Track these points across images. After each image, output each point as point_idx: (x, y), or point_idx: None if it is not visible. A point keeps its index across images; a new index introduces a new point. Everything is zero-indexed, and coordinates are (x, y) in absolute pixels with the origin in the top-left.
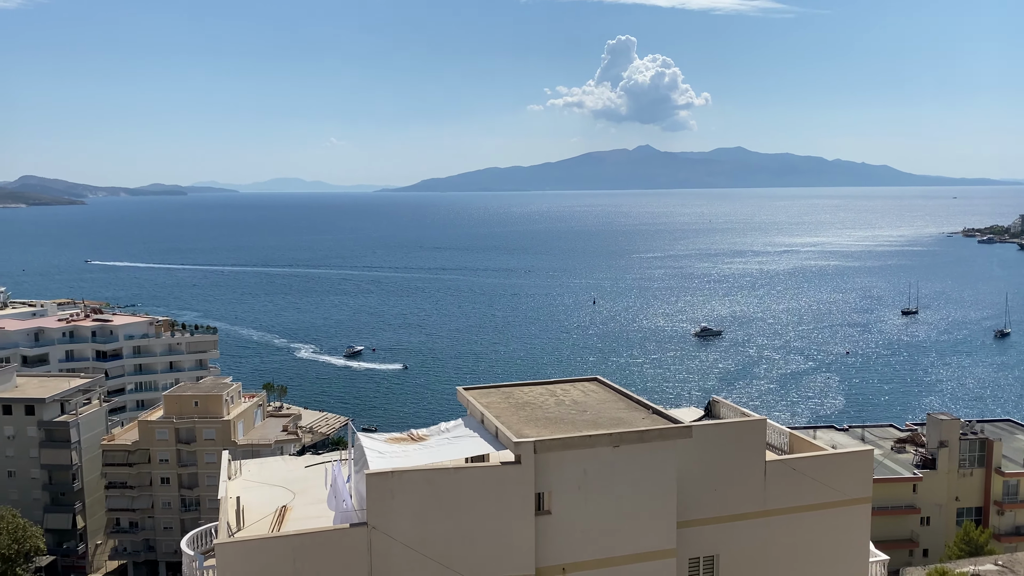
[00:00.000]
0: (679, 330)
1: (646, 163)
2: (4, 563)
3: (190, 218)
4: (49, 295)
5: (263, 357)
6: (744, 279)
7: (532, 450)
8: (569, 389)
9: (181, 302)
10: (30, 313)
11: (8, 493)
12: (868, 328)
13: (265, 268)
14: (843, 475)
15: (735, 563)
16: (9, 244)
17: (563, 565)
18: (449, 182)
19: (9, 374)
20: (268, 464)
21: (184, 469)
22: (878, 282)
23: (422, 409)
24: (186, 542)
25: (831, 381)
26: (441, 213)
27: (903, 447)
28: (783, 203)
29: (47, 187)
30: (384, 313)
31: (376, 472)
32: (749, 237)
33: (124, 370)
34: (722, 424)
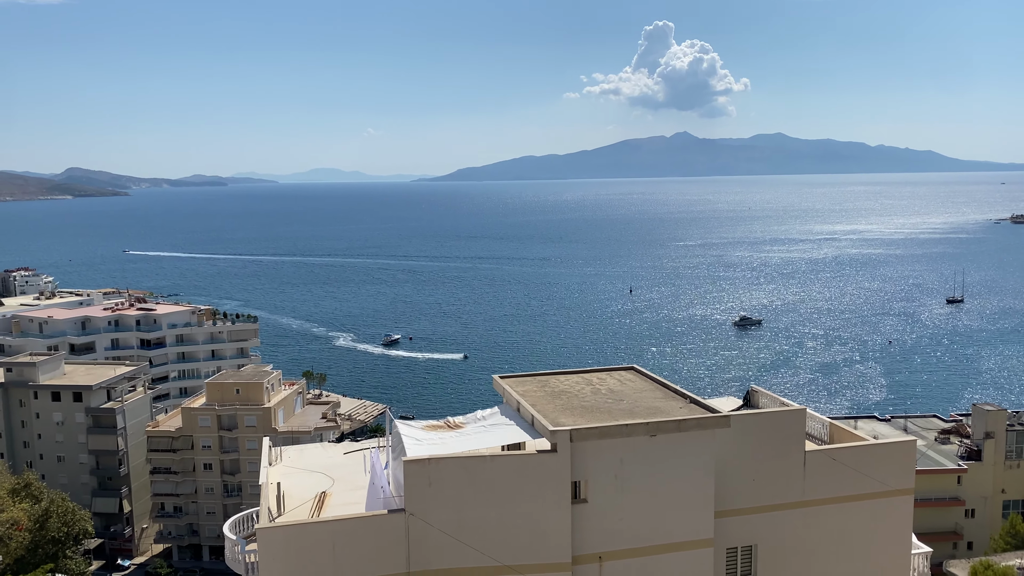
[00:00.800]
0: (718, 319)
1: (684, 150)
2: (55, 545)
3: (230, 209)
4: (93, 285)
5: (302, 345)
6: (784, 267)
7: (568, 439)
8: (605, 378)
9: (222, 291)
10: (77, 302)
11: (58, 477)
12: (911, 317)
13: (304, 258)
14: (885, 466)
15: (773, 553)
16: (56, 235)
17: (599, 554)
18: (485, 171)
19: (57, 362)
20: (308, 451)
21: (226, 455)
22: (922, 270)
23: (458, 397)
24: (228, 527)
25: (873, 371)
26: (477, 202)
27: (947, 438)
28: (824, 190)
29: (92, 179)
30: (420, 302)
31: (413, 459)
32: (789, 225)
33: (167, 358)
34: (761, 413)
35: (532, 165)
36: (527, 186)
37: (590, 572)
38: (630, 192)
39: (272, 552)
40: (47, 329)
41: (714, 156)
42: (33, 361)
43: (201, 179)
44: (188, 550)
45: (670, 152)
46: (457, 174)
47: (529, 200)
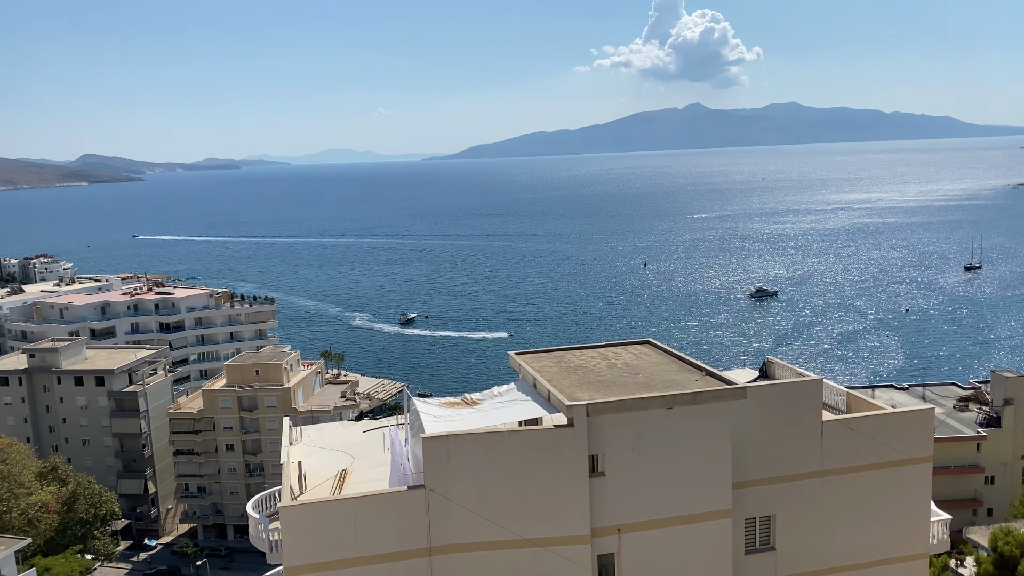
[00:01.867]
0: (733, 291)
1: (696, 122)
2: (83, 526)
3: (244, 192)
4: (110, 270)
5: (319, 326)
6: (799, 238)
7: (585, 413)
8: (621, 352)
9: (237, 274)
10: (96, 288)
11: (83, 460)
12: (929, 285)
13: (317, 239)
14: (903, 434)
15: (792, 523)
16: (72, 222)
17: (618, 526)
18: (496, 148)
19: (79, 347)
20: (328, 430)
21: (247, 436)
22: (939, 237)
23: (474, 374)
24: (251, 505)
25: (890, 340)
26: (488, 179)
27: (966, 405)
28: (839, 159)
29: (107, 165)
30: (434, 281)
31: (432, 436)
32: (804, 195)
33: (187, 341)
34: (777, 384)
35: (543, 141)
36: (539, 162)
37: (609, 544)
38: (643, 166)
39: (295, 529)
40: (68, 315)
41: (727, 127)
42: (55, 347)
43: (215, 163)
44: (213, 529)
45: (683, 124)
46: (468, 152)
47: (541, 176)
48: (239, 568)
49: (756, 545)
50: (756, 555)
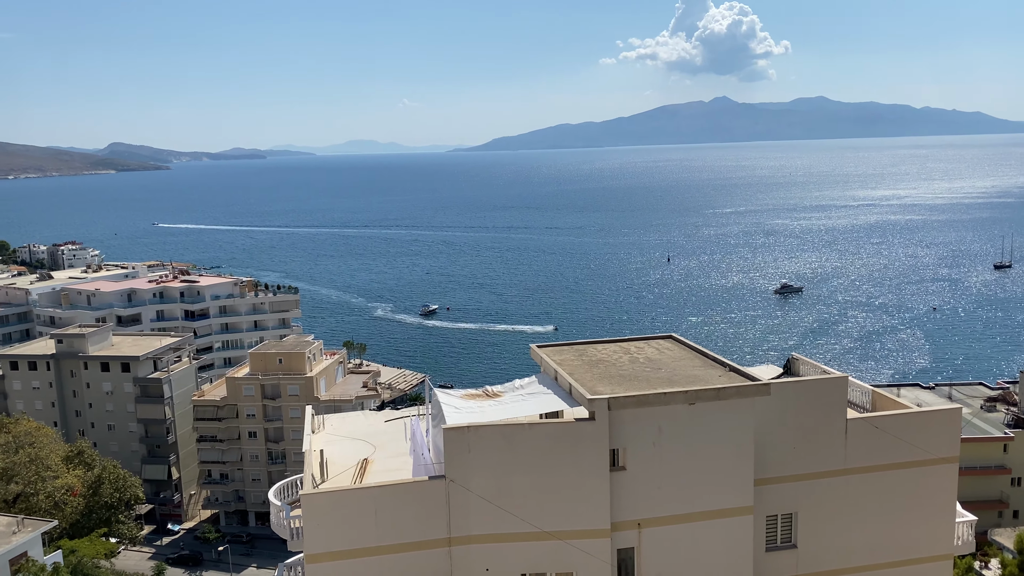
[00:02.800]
0: (758, 287)
1: (723, 115)
2: (108, 510)
3: (268, 181)
4: (134, 257)
5: (342, 316)
6: (826, 234)
7: (606, 407)
8: (643, 347)
9: (260, 263)
10: (123, 275)
11: (109, 445)
12: (957, 283)
13: (340, 229)
14: (929, 434)
15: (814, 521)
16: (99, 209)
17: (638, 521)
18: (520, 140)
19: (106, 333)
20: (350, 419)
21: (270, 424)
22: (969, 235)
23: (496, 366)
24: (273, 493)
25: (917, 338)
26: (512, 172)
27: (993, 406)
28: (867, 154)
29: (134, 153)
30: (456, 273)
31: (453, 427)
32: (830, 190)
33: (211, 329)
34: (801, 381)
35: (568, 133)
36: (563, 155)
37: (629, 539)
38: (668, 159)
39: (316, 517)
40: (95, 301)
41: (754, 121)
42: (83, 333)
43: (240, 152)
44: (235, 515)
45: (709, 118)
46: (492, 144)
47: (565, 169)
48: (260, 555)
49: (777, 543)
50: (777, 552)
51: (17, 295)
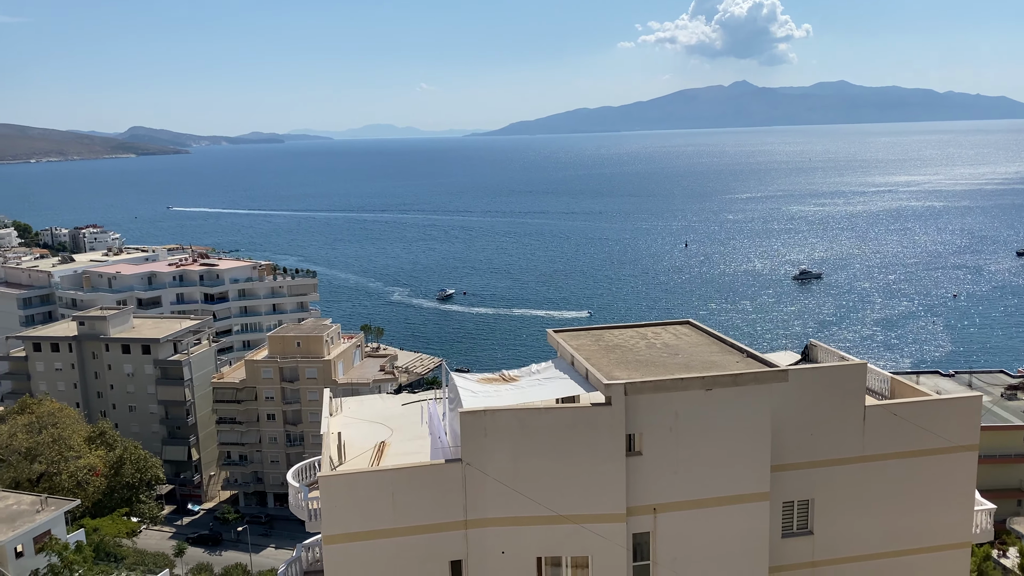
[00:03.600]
0: (777, 273)
1: (742, 100)
2: (129, 490)
3: (286, 165)
4: (155, 241)
5: (359, 300)
6: (846, 220)
7: (623, 392)
8: (660, 332)
9: (278, 247)
10: (143, 258)
11: (130, 426)
12: (979, 270)
13: (358, 214)
14: (948, 422)
15: (831, 508)
16: (120, 192)
17: (654, 505)
18: (538, 124)
19: (127, 316)
20: (367, 402)
21: (288, 406)
22: (991, 222)
23: (512, 351)
24: (291, 474)
25: (937, 325)
26: (529, 156)
27: (1014, 394)
28: (888, 139)
29: (154, 137)
30: (473, 257)
31: (469, 410)
32: (851, 176)
33: (230, 312)
34: (819, 368)
35: (586, 118)
36: (581, 139)
37: (644, 523)
38: (686, 144)
39: (334, 499)
40: (116, 284)
41: (774, 106)
42: (104, 315)
43: (259, 136)
44: (254, 496)
45: (728, 102)
46: (510, 128)
47: (582, 154)
48: (278, 535)
49: (794, 529)
50: (793, 539)
51: (40, 277)
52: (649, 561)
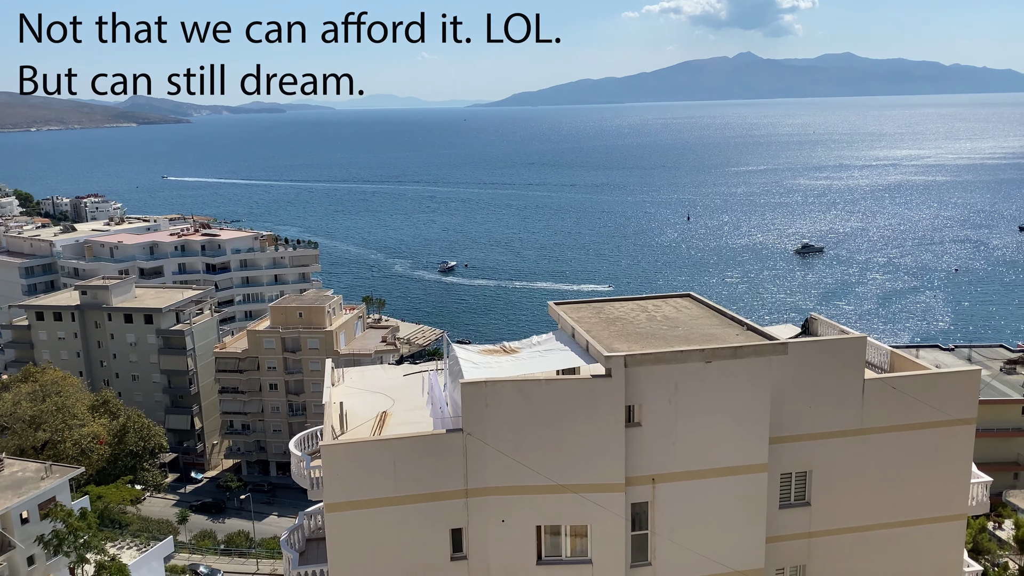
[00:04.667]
0: (779, 247)
1: (747, 71)
2: (132, 458)
3: (287, 136)
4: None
5: (360, 272)
6: (849, 194)
7: (623, 364)
8: (661, 305)
9: (278, 218)
10: (144, 228)
11: (133, 395)
12: (981, 244)
13: (359, 185)
14: (946, 395)
15: (829, 479)
16: (121, 162)
17: (653, 476)
18: (541, 95)
19: (129, 285)
20: (369, 372)
21: (290, 376)
22: (994, 196)
23: (513, 323)
24: (294, 444)
25: (938, 299)
26: (532, 128)
27: (1013, 368)
28: (894, 112)
29: (155, 107)
30: (474, 230)
31: (471, 381)
32: (855, 149)
33: (232, 282)
34: (819, 341)
35: (589, 89)
36: (584, 111)
37: (643, 493)
38: (690, 116)
39: (336, 468)
40: (118, 254)
41: (779, 77)
42: (106, 285)
43: (260, 106)
44: (256, 465)
45: (732, 73)
46: (512, 99)
47: (585, 125)
48: (281, 503)
49: (791, 500)
50: (790, 510)
51: (41, 247)
52: (647, 531)
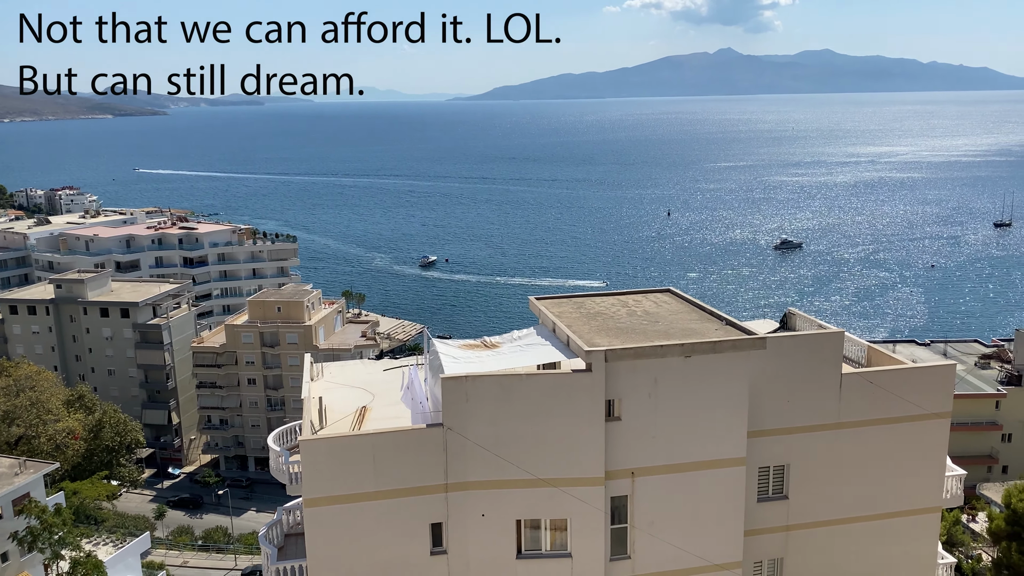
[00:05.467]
0: (758, 242)
1: (727, 67)
2: (108, 454)
3: (266, 129)
4: (133, 203)
5: (340, 266)
6: (828, 190)
7: (603, 359)
8: (641, 300)
9: (255, 211)
10: (121, 221)
11: (109, 390)
12: (956, 241)
13: (338, 178)
14: (922, 390)
15: (806, 473)
16: (96, 154)
17: (632, 469)
18: (522, 89)
19: (104, 279)
20: (348, 367)
21: (269, 371)
22: (970, 193)
23: (494, 318)
24: (272, 439)
25: (914, 295)
26: (513, 122)
27: (987, 363)
28: (872, 109)
29: (131, 98)
30: (453, 224)
31: (451, 376)
32: (834, 146)
33: (210, 276)
34: (797, 336)
35: (570, 83)
36: (565, 105)
37: (623, 487)
38: (671, 111)
39: (315, 463)
40: (93, 247)
41: (758, 74)
42: (82, 278)
43: (239, 98)
44: (234, 460)
45: (713, 69)
46: (494, 93)
47: (566, 120)
48: (259, 499)
49: (769, 493)
50: (768, 503)
51: (15, 239)
52: (627, 524)
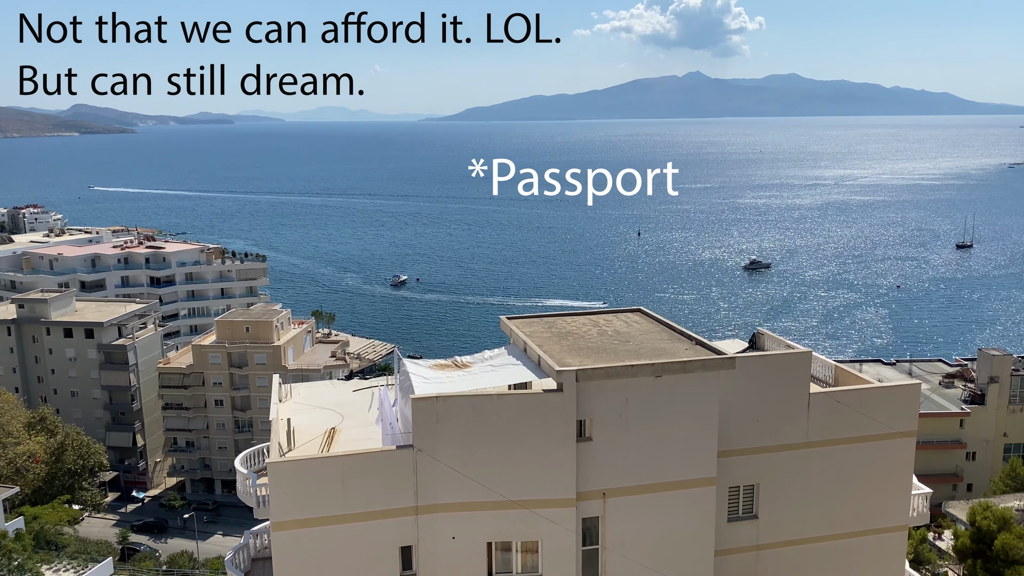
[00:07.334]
0: (727, 263)
1: (696, 90)
2: (71, 477)
3: (234, 147)
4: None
5: (310, 285)
6: (795, 211)
7: (574, 379)
8: (612, 320)
9: (223, 231)
10: (86, 240)
11: (72, 412)
12: (920, 262)
13: (307, 198)
14: (888, 409)
15: (775, 493)
16: (62, 172)
17: (603, 490)
18: (493, 111)
19: (68, 299)
20: (317, 388)
21: (237, 392)
22: (932, 215)
23: (465, 338)
24: (240, 461)
25: (880, 315)
26: (484, 142)
27: (951, 382)
28: (837, 132)
29: (98, 116)
30: (424, 244)
31: (421, 397)
32: (801, 168)
33: (177, 296)
34: (766, 356)
35: (541, 105)
36: (536, 126)
37: (594, 508)
38: (640, 133)
39: (283, 485)
40: (57, 266)
41: (727, 97)
42: (45, 298)
43: (208, 117)
44: (201, 483)
45: (682, 92)
46: (465, 114)
47: (537, 141)
48: (226, 522)
49: (739, 513)
50: (739, 523)
51: None
52: (598, 545)
